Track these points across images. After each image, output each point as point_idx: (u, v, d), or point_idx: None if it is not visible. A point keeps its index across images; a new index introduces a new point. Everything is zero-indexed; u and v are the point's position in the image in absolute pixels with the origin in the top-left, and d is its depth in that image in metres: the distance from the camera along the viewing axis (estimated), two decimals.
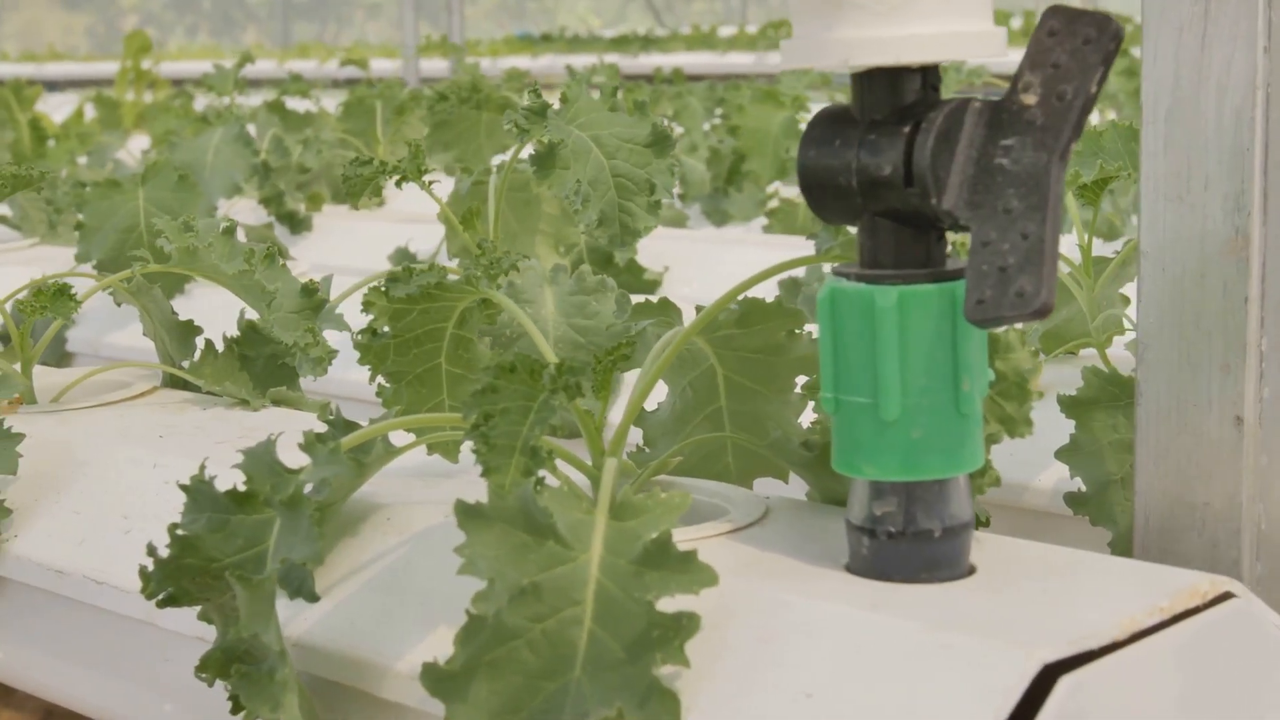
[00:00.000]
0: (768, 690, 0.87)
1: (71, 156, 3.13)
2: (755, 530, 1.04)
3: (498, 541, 0.91)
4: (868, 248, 0.92)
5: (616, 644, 0.88)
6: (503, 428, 0.95)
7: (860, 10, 0.88)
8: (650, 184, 1.59)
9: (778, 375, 1.16)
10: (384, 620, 1.01)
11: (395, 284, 1.10)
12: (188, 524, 0.99)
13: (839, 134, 0.92)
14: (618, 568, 0.90)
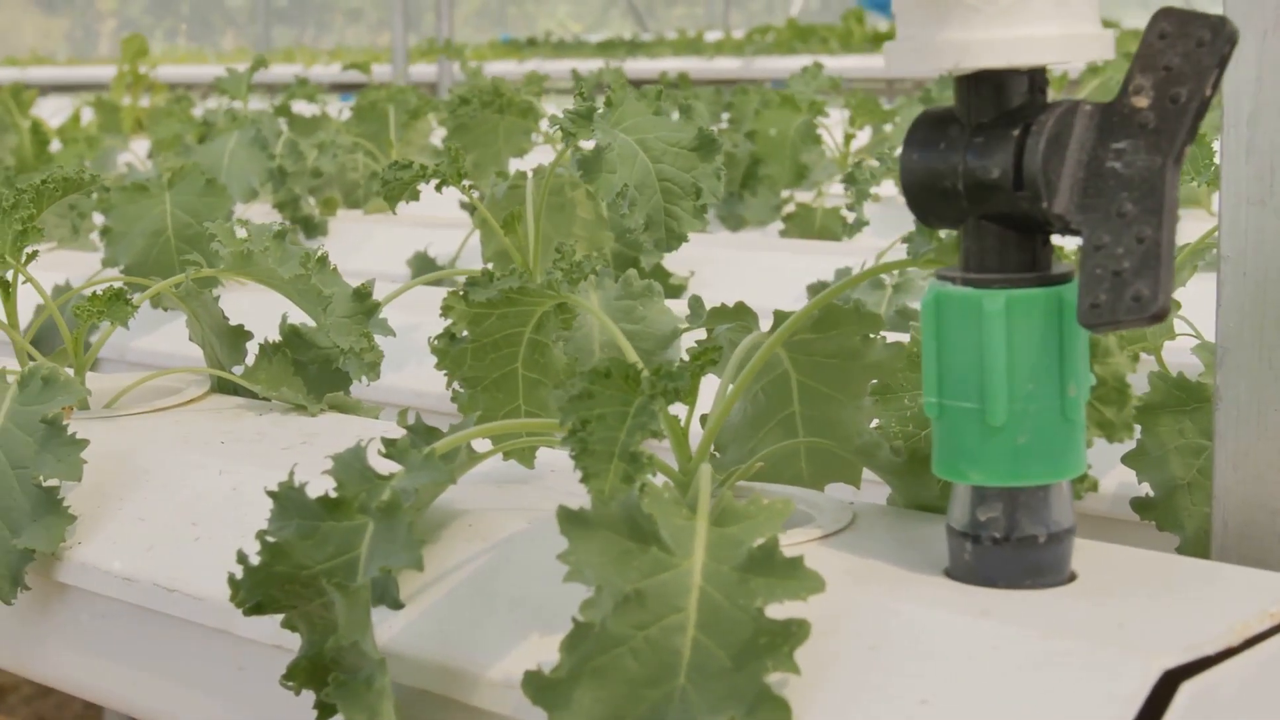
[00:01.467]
0: (882, 698, 0.86)
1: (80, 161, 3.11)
2: (846, 536, 1.03)
3: (601, 548, 0.90)
4: (973, 251, 0.91)
5: (722, 651, 0.87)
6: (600, 433, 0.94)
7: (972, 12, 0.87)
8: (696, 188, 1.59)
9: (852, 380, 1.16)
10: (473, 627, 1.00)
11: (475, 288, 1.09)
12: (276, 531, 0.97)
13: (943, 137, 0.91)
14: (721, 574, 0.89)
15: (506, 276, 1.08)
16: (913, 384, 1.15)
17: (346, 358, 1.39)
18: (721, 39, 8.92)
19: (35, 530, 1.20)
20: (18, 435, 1.23)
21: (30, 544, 1.20)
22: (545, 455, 1.19)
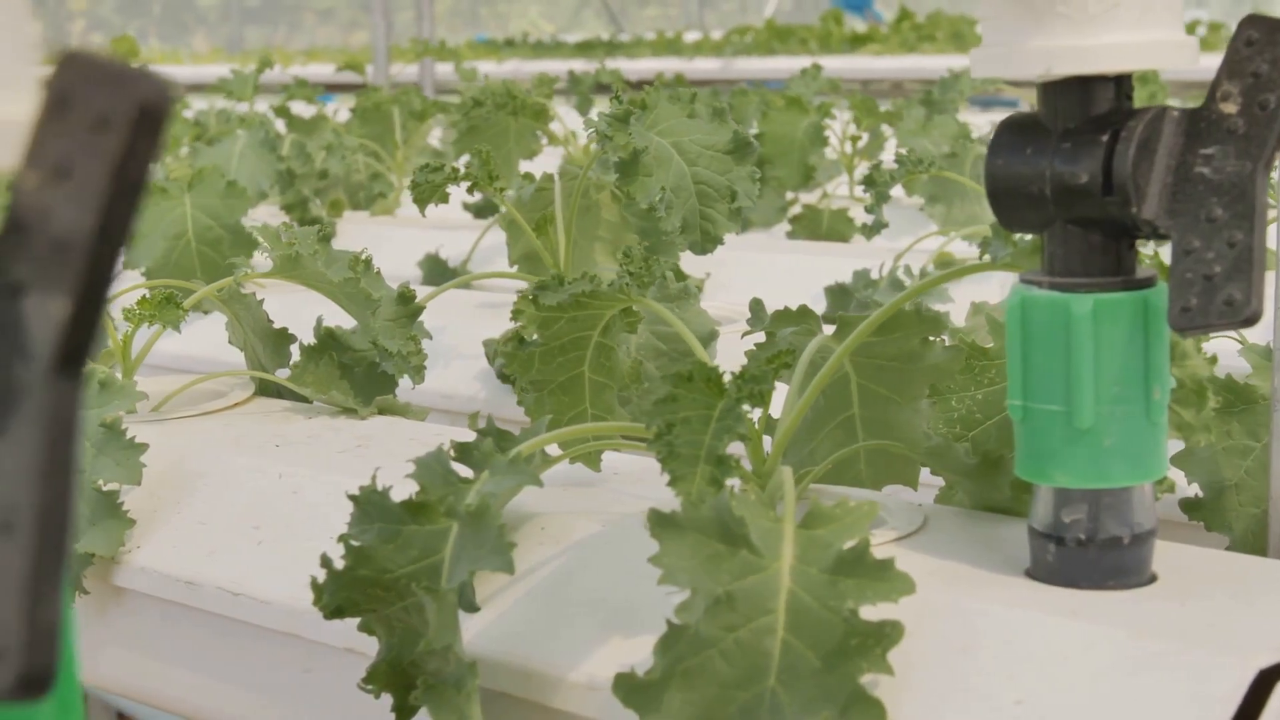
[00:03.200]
0: (976, 699, 0.87)
1: None
2: (920, 538, 1.04)
3: (692, 550, 0.90)
4: (1059, 255, 0.92)
5: (811, 652, 0.88)
6: (685, 437, 0.95)
7: (1062, 19, 0.88)
8: (731, 191, 1.59)
9: (911, 383, 1.17)
10: (552, 630, 1.01)
11: (545, 292, 1.09)
12: (358, 535, 0.98)
13: (1030, 142, 0.92)
14: (809, 576, 0.90)
15: (578, 281, 1.09)
16: (960, 386, 1.16)
17: (393, 360, 1.39)
18: (700, 39, 8.92)
19: (94, 534, 1.20)
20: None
21: (89, 548, 1.20)
22: (608, 458, 1.20)
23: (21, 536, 0.44)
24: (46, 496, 0.44)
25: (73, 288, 0.44)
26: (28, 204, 0.45)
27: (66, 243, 0.44)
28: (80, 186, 0.44)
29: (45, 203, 0.45)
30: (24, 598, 0.43)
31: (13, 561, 0.44)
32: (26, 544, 0.44)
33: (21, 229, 0.45)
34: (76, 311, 0.44)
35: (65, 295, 0.44)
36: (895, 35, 8.33)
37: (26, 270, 0.45)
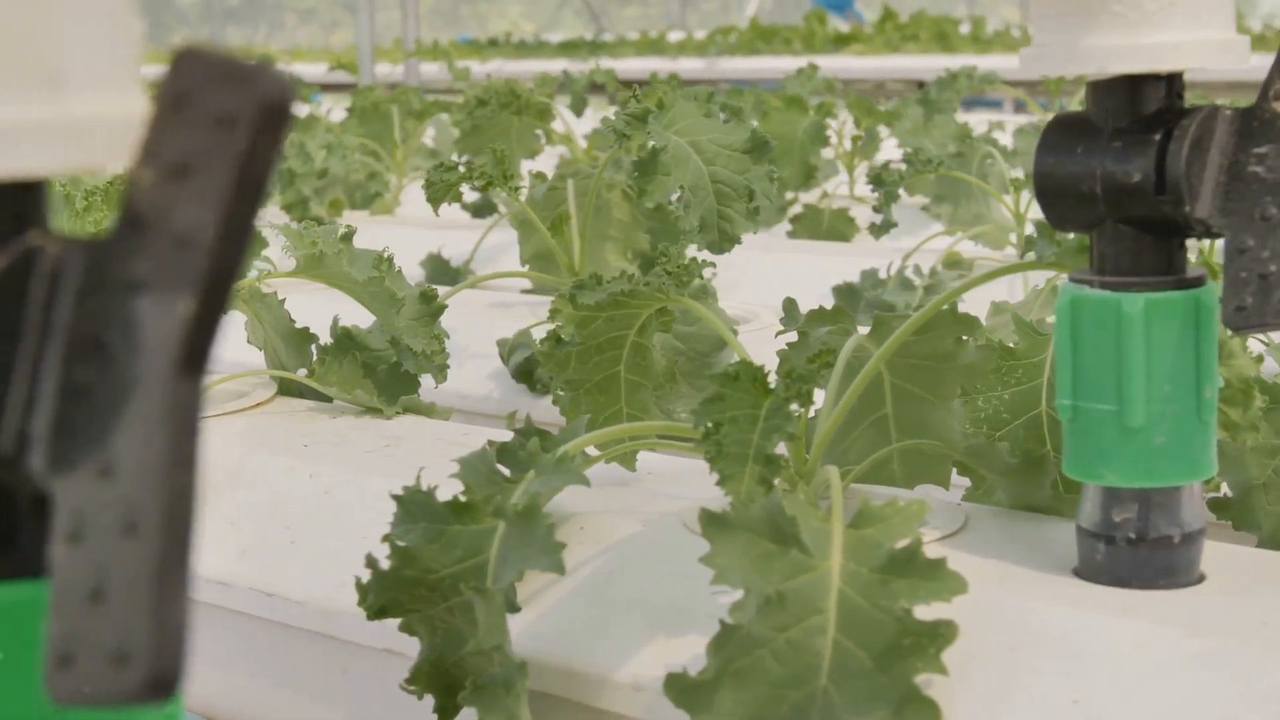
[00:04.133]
0: (1031, 699, 0.86)
1: None
2: (963, 538, 1.04)
3: (742, 550, 0.90)
4: (1109, 255, 0.92)
5: (863, 652, 0.87)
6: (733, 436, 0.95)
7: (1115, 18, 0.88)
8: (749, 190, 1.59)
9: (944, 382, 1.16)
10: (595, 630, 1.00)
11: (583, 291, 1.09)
12: (402, 535, 0.97)
13: (1080, 141, 0.92)
14: (860, 576, 0.90)
15: (616, 280, 1.08)
16: (987, 386, 1.16)
17: (416, 360, 1.38)
18: (684, 39, 8.92)
19: None
20: None
21: None
22: (642, 458, 1.20)
23: (146, 538, 0.43)
24: (171, 497, 0.44)
25: (197, 286, 0.44)
26: (145, 201, 0.45)
27: (190, 241, 0.44)
28: (203, 184, 0.44)
29: (165, 201, 0.44)
30: (151, 599, 0.43)
31: (138, 563, 0.43)
32: (152, 545, 0.43)
33: (139, 226, 0.45)
34: (200, 310, 0.44)
35: (189, 294, 0.44)
36: (879, 35, 8.34)
37: (146, 268, 0.44)
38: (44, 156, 0.47)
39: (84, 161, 0.47)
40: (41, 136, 0.46)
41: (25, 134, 0.46)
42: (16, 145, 0.46)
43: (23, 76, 0.46)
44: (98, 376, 0.45)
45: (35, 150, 0.46)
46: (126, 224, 0.45)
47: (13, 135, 0.46)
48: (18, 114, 0.46)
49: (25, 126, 0.46)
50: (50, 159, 0.47)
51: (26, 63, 0.46)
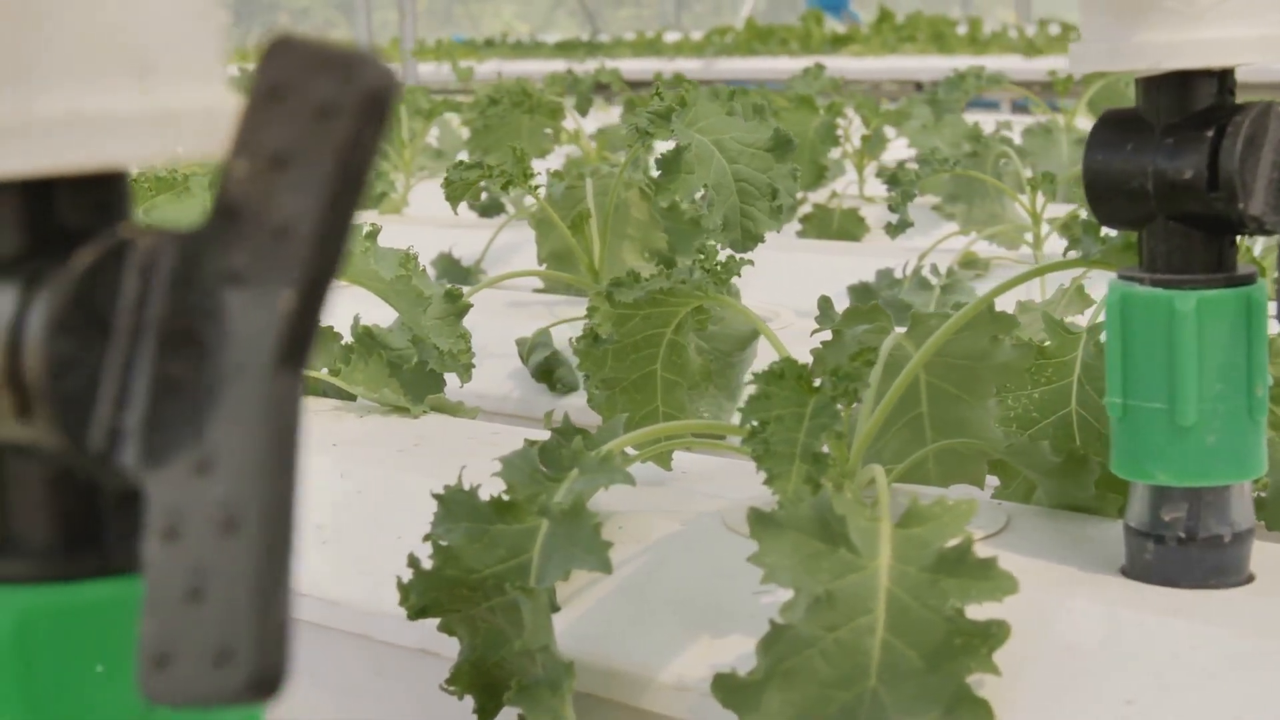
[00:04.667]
0: (1086, 699, 0.86)
1: None
2: (1006, 537, 1.03)
3: (791, 549, 0.89)
4: (1160, 252, 0.92)
5: (913, 652, 0.87)
6: (780, 434, 0.94)
7: (1169, 14, 0.88)
8: (772, 188, 1.59)
9: (980, 381, 1.16)
10: (637, 630, 1.00)
11: (621, 289, 1.08)
12: (444, 534, 0.96)
13: (1130, 138, 0.91)
14: (908, 575, 0.89)
15: (654, 277, 1.08)
16: (1017, 385, 1.16)
17: (442, 359, 1.37)
18: (680, 40, 8.92)
19: None
20: None
21: None
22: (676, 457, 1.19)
23: (248, 535, 0.42)
24: (272, 494, 0.43)
25: (297, 279, 0.43)
26: (241, 193, 0.44)
27: (290, 232, 0.43)
28: (303, 175, 0.43)
29: (262, 192, 0.44)
30: (253, 597, 0.42)
31: (239, 560, 0.42)
32: (253, 542, 0.42)
33: (234, 218, 0.44)
34: (301, 304, 0.43)
35: (290, 286, 0.43)
36: (876, 36, 8.33)
37: (244, 260, 0.44)
38: (133, 147, 0.46)
39: (173, 152, 0.46)
40: (131, 126, 0.46)
41: (115, 124, 0.45)
42: (106, 135, 0.45)
43: (113, 65, 0.46)
44: (192, 371, 0.44)
45: (125, 140, 0.46)
46: (221, 216, 0.44)
47: (103, 125, 0.45)
48: (108, 103, 0.45)
49: (115, 116, 0.45)
50: (140, 149, 0.46)
51: (117, 51, 0.46)
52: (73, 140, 0.45)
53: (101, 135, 0.45)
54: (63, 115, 0.45)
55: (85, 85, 0.45)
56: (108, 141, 0.45)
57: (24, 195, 0.47)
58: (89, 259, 0.45)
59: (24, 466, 0.48)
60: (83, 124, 0.45)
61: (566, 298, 1.97)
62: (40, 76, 0.45)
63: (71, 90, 0.45)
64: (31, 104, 0.45)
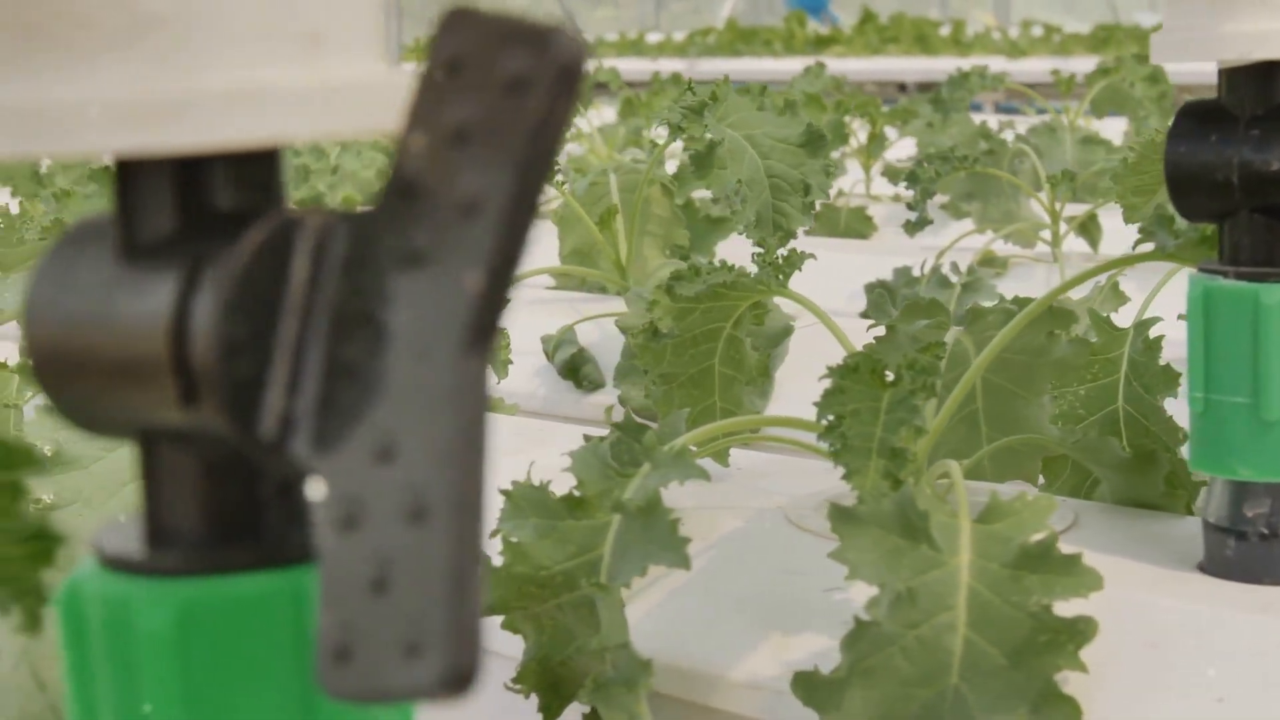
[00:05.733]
0: (1173, 696, 0.85)
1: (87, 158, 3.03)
2: (1075, 534, 1.02)
3: (872, 545, 0.88)
4: (1245, 245, 0.90)
5: (996, 650, 0.85)
6: (856, 429, 0.93)
7: (1258, 4, 0.86)
8: (805, 184, 1.57)
9: (1035, 377, 1.15)
10: (706, 627, 0.98)
11: (681, 283, 1.06)
12: (513, 531, 0.95)
13: (1215, 129, 0.90)
14: (989, 572, 0.88)
15: (716, 270, 1.06)
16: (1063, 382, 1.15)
17: None
18: (663, 40, 8.91)
19: None
20: None
21: None
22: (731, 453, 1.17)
23: (436, 524, 0.41)
24: (460, 482, 0.41)
25: (486, 259, 0.41)
26: (418, 170, 0.42)
27: (477, 210, 0.41)
28: (491, 151, 0.42)
29: (444, 169, 0.42)
30: (444, 587, 0.40)
31: (429, 551, 0.41)
32: (443, 531, 0.41)
33: (412, 196, 0.42)
34: (489, 284, 0.42)
35: (478, 266, 0.41)
36: (859, 37, 8.35)
37: (426, 239, 0.42)
38: (302, 122, 0.44)
39: (341, 127, 0.45)
40: (301, 101, 0.44)
41: (285, 98, 0.44)
42: (275, 110, 0.44)
43: (281, 37, 0.44)
44: (369, 354, 0.43)
45: (294, 115, 0.44)
46: (397, 193, 0.43)
47: (272, 99, 0.44)
48: (276, 76, 0.44)
49: (284, 90, 0.44)
50: (309, 124, 0.44)
51: (285, 22, 0.44)
52: (241, 115, 0.43)
53: (270, 110, 0.44)
54: (231, 89, 0.43)
55: (253, 58, 0.44)
56: (276, 116, 0.44)
57: (180, 174, 0.45)
58: (259, 239, 0.44)
59: (181, 455, 0.46)
60: (251, 98, 0.43)
61: (587, 294, 1.95)
62: (207, 49, 0.43)
63: (239, 63, 0.43)
64: (199, 77, 0.43)
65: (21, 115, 0.44)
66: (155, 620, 0.45)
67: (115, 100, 0.43)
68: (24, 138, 0.44)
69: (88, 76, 0.43)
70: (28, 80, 0.44)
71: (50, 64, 0.43)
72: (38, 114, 0.43)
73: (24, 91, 0.44)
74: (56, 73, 0.43)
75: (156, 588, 0.45)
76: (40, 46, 0.43)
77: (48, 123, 0.43)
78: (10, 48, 0.44)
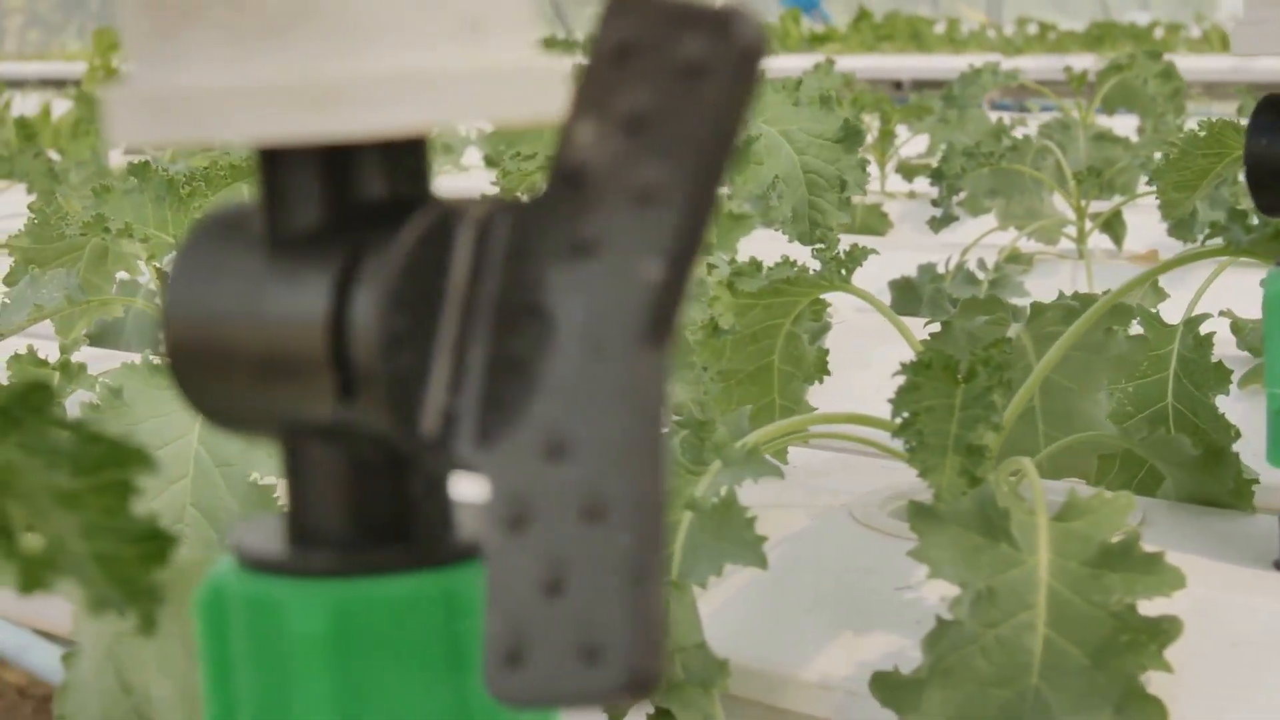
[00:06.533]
0: (1260, 695, 0.84)
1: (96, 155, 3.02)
2: (1146, 533, 1.01)
3: (951, 543, 0.87)
4: None
5: (1077, 649, 0.84)
6: (931, 426, 0.91)
7: None
8: (841, 180, 1.56)
9: (1092, 373, 1.14)
10: (775, 627, 0.97)
11: (743, 278, 1.05)
12: None
13: None
14: (1068, 570, 0.87)
15: (778, 266, 1.05)
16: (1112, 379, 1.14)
17: None
18: None
19: None
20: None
21: None
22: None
23: (616, 522, 0.40)
24: (640, 478, 0.40)
25: (666, 248, 0.40)
26: (588, 158, 0.41)
27: (655, 198, 0.40)
28: (668, 138, 0.40)
29: (616, 157, 0.41)
30: (626, 588, 0.39)
31: (607, 550, 0.40)
32: (623, 530, 0.39)
33: (580, 184, 0.41)
34: (669, 275, 0.40)
35: (657, 256, 0.40)
36: (855, 35, 8.34)
37: (598, 228, 0.41)
38: (464, 108, 0.43)
39: (500, 113, 0.44)
40: (463, 86, 0.43)
41: (447, 83, 0.42)
42: (436, 94, 0.42)
43: (442, 21, 0.43)
44: (536, 347, 0.41)
45: (456, 101, 0.43)
46: (564, 182, 0.42)
47: (434, 84, 0.42)
48: (438, 61, 0.43)
49: (447, 75, 0.42)
50: (470, 110, 0.43)
51: (447, 5, 0.43)
52: (402, 101, 0.42)
53: (432, 96, 0.42)
54: (392, 74, 0.42)
55: (414, 42, 0.42)
56: (437, 102, 0.42)
57: (330, 162, 0.44)
58: (421, 229, 0.42)
59: (330, 453, 0.45)
60: (413, 83, 0.42)
61: None
62: (368, 33, 0.42)
63: (400, 47, 0.42)
64: (359, 62, 0.42)
65: (170, 102, 0.42)
66: (307, 623, 0.44)
67: (271, 86, 0.41)
68: (172, 125, 0.43)
69: (244, 61, 0.42)
70: (178, 65, 0.42)
71: (204, 49, 0.42)
72: (186, 100, 0.42)
73: (174, 77, 0.43)
74: (210, 58, 0.42)
75: (307, 589, 0.44)
76: (195, 30, 0.42)
77: (198, 110, 0.42)
78: (162, 32, 0.43)
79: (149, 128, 0.43)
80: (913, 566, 0.97)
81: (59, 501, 0.51)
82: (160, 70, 0.43)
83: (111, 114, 0.44)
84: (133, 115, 0.43)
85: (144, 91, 0.43)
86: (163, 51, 0.43)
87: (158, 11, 0.43)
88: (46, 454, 0.50)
